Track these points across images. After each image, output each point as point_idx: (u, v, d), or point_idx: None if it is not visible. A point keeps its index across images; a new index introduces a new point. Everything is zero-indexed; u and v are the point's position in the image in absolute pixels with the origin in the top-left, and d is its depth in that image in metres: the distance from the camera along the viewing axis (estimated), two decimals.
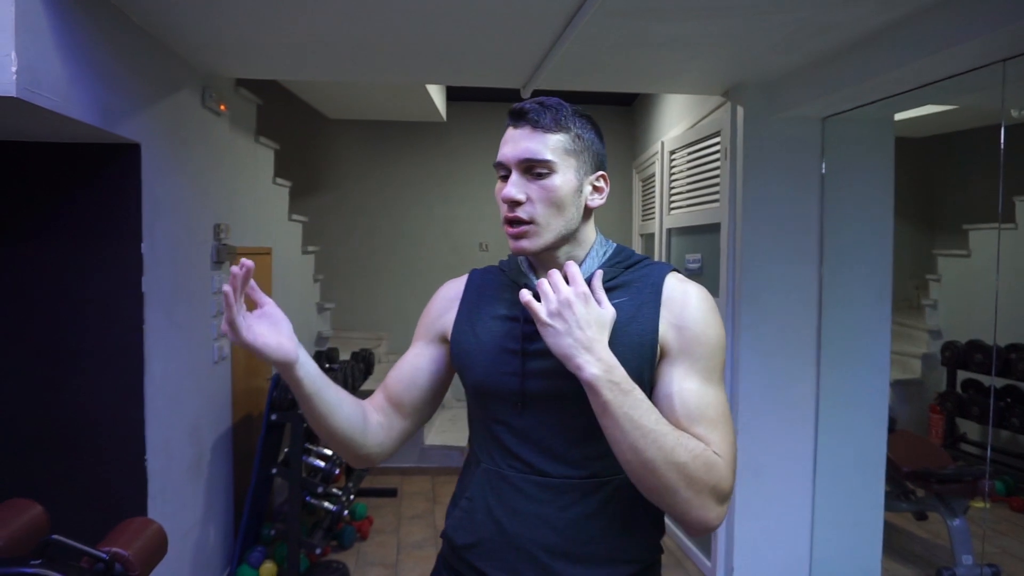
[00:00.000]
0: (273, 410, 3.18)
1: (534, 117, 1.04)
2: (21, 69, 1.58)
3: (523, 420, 1.06)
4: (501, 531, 1.07)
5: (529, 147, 1.04)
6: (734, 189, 2.92)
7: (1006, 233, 4.14)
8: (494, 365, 1.08)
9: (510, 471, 1.07)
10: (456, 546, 1.12)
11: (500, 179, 1.08)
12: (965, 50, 1.89)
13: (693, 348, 1.03)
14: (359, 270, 5.86)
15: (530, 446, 1.06)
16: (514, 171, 1.05)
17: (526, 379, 1.06)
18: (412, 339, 1.21)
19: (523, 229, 1.05)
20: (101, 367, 2.29)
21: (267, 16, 2.17)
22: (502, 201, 1.06)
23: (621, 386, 0.94)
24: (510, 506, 1.06)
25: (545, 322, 0.97)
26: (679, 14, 2.08)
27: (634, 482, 0.97)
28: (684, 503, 0.94)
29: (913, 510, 3.44)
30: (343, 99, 4.69)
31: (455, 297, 1.18)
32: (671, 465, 0.93)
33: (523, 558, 1.05)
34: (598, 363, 0.94)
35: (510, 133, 1.07)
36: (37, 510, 1.68)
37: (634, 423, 0.93)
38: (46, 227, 2.27)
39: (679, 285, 1.07)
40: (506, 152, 1.06)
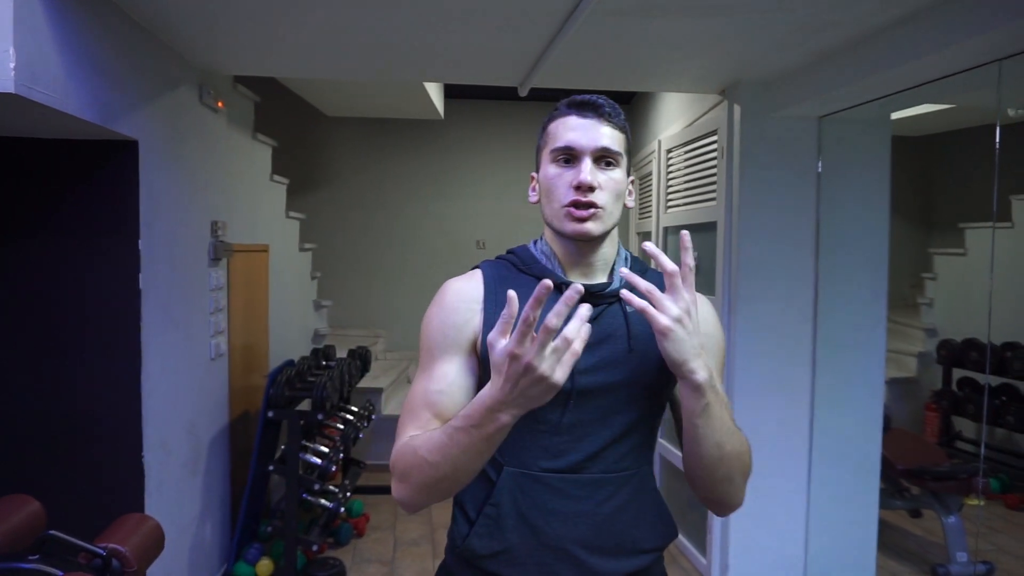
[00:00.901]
0: (270, 407, 3.18)
1: (607, 111, 1.08)
2: (19, 65, 1.58)
3: (567, 418, 1.05)
4: (535, 534, 1.05)
5: (604, 138, 1.06)
6: (731, 188, 2.93)
7: (1001, 232, 4.16)
8: None
9: (544, 472, 1.06)
10: (478, 556, 1.08)
11: (558, 163, 1.08)
12: (961, 49, 1.90)
13: (712, 350, 1.09)
14: (356, 267, 5.86)
15: (571, 444, 1.06)
16: (587, 158, 1.06)
17: (577, 377, 1.04)
18: (433, 351, 1.08)
19: (592, 212, 1.05)
20: (98, 363, 2.29)
21: (265, 13, 2.17)
22: (574, 186, 1.05)
23: (717, 388, 0.99)
24: (546, 507, 1.05)
25: (669, 327, 0.94)
26: (676, 13, 2.09)
27: (698, 476, 1.03)
28: (736, 489, 1.04)
29: (908, 507, 3.45)
30: (341, 96, 4.69)
31: (475, 299, 1.10)
32: (738, 456, 1.01)
33: (560, 558, 1.05)
34: (706, 368, 0.97)
35: (575, 121, 1.07)
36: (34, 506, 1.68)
37: (722, 421, 0.99)
38: (43, 223, 2.27)
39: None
40: (578, 139, 1.06)
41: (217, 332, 3.00)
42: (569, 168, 1.07)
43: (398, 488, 1.01)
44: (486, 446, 0.93)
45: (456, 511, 1.13)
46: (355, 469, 4.05)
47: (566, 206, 1.06)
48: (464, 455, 0.93)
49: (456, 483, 0.97)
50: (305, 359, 3.72)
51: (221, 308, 3.05)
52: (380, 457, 4.82)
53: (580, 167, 1.05)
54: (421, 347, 1.10)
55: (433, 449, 0.95)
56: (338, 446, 3.50)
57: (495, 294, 1.09)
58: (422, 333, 1.10)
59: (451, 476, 0.96)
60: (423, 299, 1.22)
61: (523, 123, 5.92)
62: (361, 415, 3.94)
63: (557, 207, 1.07)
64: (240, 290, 3.30)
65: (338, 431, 3.66)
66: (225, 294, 3.10)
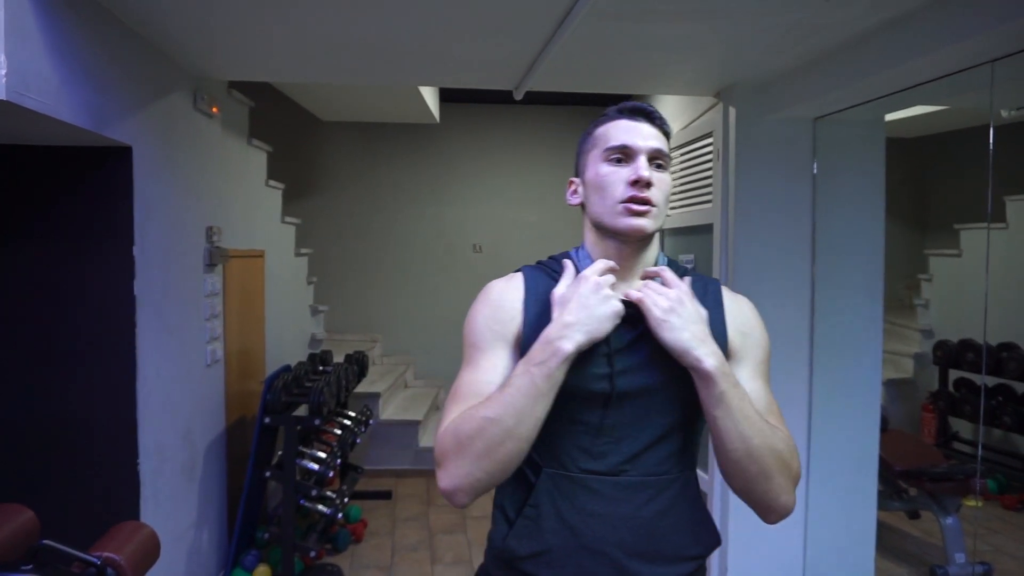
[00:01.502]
0: (267, 413, 3.17)
1: (657, 117, 1.14)
2: (10, 72, 1.58)
3: (607, 419, 1.06)
4: (575, 536, 1.05)
5: (657, 140, 1.11)
6: (726, 190, 2.93)
7: (996, 232, 4.16)
8: (580, 366, 1.04)
9: (584, 474, 1.06)
10: (517, 557, 1.08)
11: (612, 162, 1.11)
12: (955, 51, 1.91)
13: (755, 352, 1.13)
14: (352, 272, 5.85)
15: (611, 445, 1.06)
16: (643, 157, 1.09)
17: (616, 377, 1.06)
18: (479, 345, 1.10)
19: (648, 208, 1.08)
20: (93, 370, 2.28)
21: (259, 18, 2.17)
22: (631, 182, 1.08)
23: (731, 378, 1.01)
24: (585, 509, 1.05)
25: (661, 318, 1.02)
26: (670, 16, 2.09)
27: (731, 473, 1.03)
28: (777, 488, 1.02)
29: (906, 509, 3.45)
30: (336, 101, 4.69)
31: (517, 299, 1.13)
32: (772, 452, 1.01)
33: (599, 561, 1.05)
34: (714, 355, 1.00)
35: (627, 124, 1.12)
36: (28, 515, 1.67)
37: (743, 413, 1.00)
38: (37, 230, 2.27)
39: (733, 296, 1.19)
40: (634, 139, 1.10)
41: (213, 338, 2.99)
42: (623, 166, 1.10)
43: (450, 471, 0.99)
44: (547, 385, 0.98)
45: (496, 512, 1.14)
46: (353, 474, 4.03)
47: (623, 202, 1.08)
48: (526, 400, 0.97)
49: (520, 440, 0.97)
50: (302, 364, 3.71)
51: (217, 314, 3.04)
52: (378, 462, 4.81)
53: (636, 164, 1.09)
54: (465, 343, 1.12)
55: (492, 404, 0.99)
56: (335, 451, 3.49)
57: (535, 295, 1.13)
58: (467, 330, 1.13)
59: (513, 430, 0.97)
60: (420, 303, 1.23)
61: (519, 127, 5.93)
62: (358, 420, 3.93)
63: (612, 203, 1.09)
64: (236, 296, 3.29)
65: (335, 436, 3.65)
66: (221, 300, 3.09)
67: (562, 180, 6.86)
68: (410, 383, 5.86)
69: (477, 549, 3.65)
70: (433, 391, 5.67)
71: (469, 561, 3.52)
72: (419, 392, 5.66)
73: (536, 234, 5.85)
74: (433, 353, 5.86)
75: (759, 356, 1.13)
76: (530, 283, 1.15)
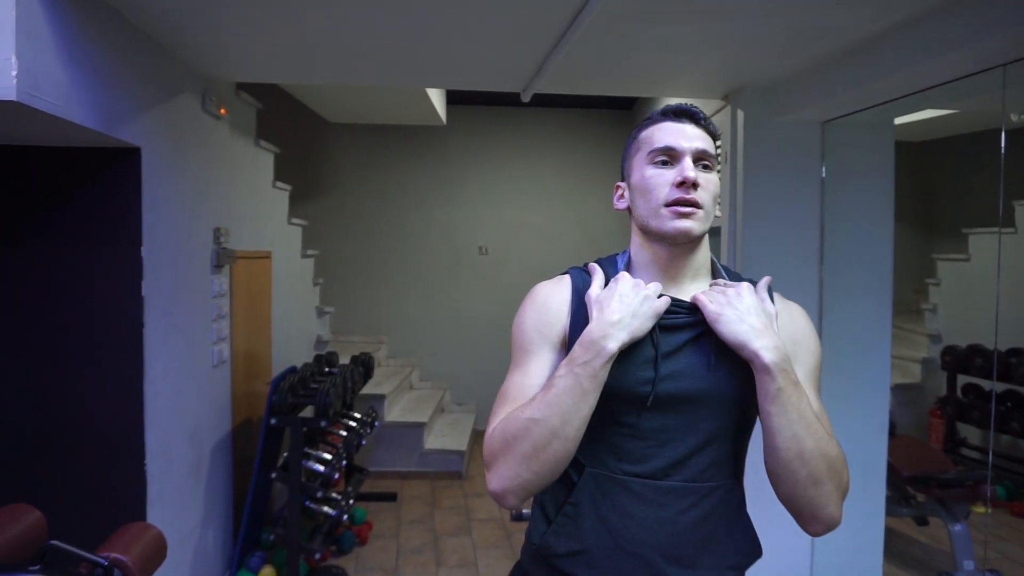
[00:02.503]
0: (273, 414, 3.17)
1: (702, 118, 1.13)
2: (21, 73, 1.58)
3: (650, 422, 1.05)
4: (614, 537, 1.04)
5: (702, 141, 1.10)
6: (734, 193, 2.92)
7: (1005, 237, 4.14)
8: (624, 367, 1.04)
9: (626, 476, 1.05)
10: (555, 555, 1.07)
11: (657, 164, 1.10)
12: (965, 54, 1.89)
13: (806, 360, 1.10)
14: (358, 274, 5.86)
15: (654, 449, 1.05)
16: (688, 158, 1.08)
17: (659, 381, 1.04)
18: (527, 347, 1.11)
19: (694, 211, 1.06)
20: (101, 371, 2.29)
21: (267, 20, 2.17)
22: (678, 184, 1.06)
23: (791, 375, 0.99)
24: (626, 511, 1.04)
25: (716, 312, 1.02)
26: (679, 18, 2.08)
27: (779, 476, 1.00)
28: (825, 496, 1.00)
29: (914, 515, 3.42)
30: (343, 103, 4.69)
31: (564, 301, 1.13)
32: (824, 457, 0.99)
33: (637, 564, 1.04)
34: (775, 349, 0.99)
35: (672, 126, 1.11)
36: (36, 515, 1.67)
37: (800, 412, 0.98)
38: (46, 231, 2.27)
39: (785, 303, 1.17)
40: (679, 141, 1.09)
41: (219, 339, 3.00)
42: (668, 168, 1.09)
43: (498, 473, 1.00)
44: (592, 384, 0.98)
45: (536, 509, 1.14)
46: (358, 476, 4.03)
47: (668, 204, 1.07)
48: (570, 399, 0.97)
49: (566, 440, 0.98)
50: (308, 366, 3.71)
51: (223, 315, 3.05)
52: (383, 464, 4.81)
53: (681, 165, 1.07)
54: (514, 345, 1.13)
55: (537, 406, 0.99)
56: (341, 453, 3.48)
57: (580, 297, 1.12)
58: (515, 332, 1.13)
59: (559, 430, 0.97)
60: (426, 305, 1.23)
61: (526, 129, 5.93)
62: (364, 422, 3.93)
63: (656, 205, 1.08)
64: (242, 297, 3.29)
65: (341, 438, 3.64)
66: (228, 301, 3.10)
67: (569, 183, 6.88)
68: (416, 385, 5.86)
69: (482, 552, 3.64)
70: (439, 393, 5.67)
71: (474, 564, 3.51)
72: (425, 394, 5.66)
73: (543, 236, 5.84)
74: (439, 355, 5.85)
75: (810, 364, 1.11)
76: (577, 285, 1.14)
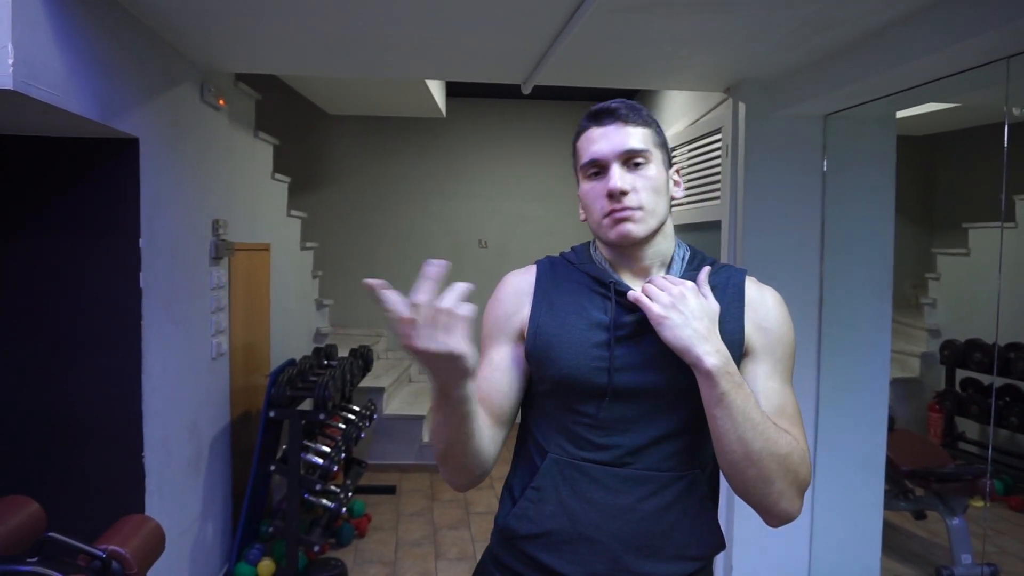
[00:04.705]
0: (272, 407, 3.17)
1: (623, 112, 1.09)
2: (18, 62, 1.57)
3: (608, 413, 1.06)
4: (574, 522, 1.05)
5: (626, 140, 1.07)
6: (735, 186, 2.91)
7: (1007, 232, 4.13)
8: (580, 359, 1.05)
9: (586, 462, 1.06)
10: (518, 536, 1.09)
11: (590, 177, 1.10)
12: (968, 47, 1.88)
13: (775, 349, 1.09)
14: (358, 266, 5.85)
15: (614, 437, 1.06)
16: (614, 164, 1.07)
17: (615, 372, 1.05)
18: (485, 340, 1.15)
19: (629, 214, 1.06)
20: (99, 363, 2.28)
21: (266, 10, 2.15)
22: (607, 195, 1.07)
23: (735, 378, 0.98)
24: (586, 497, 1.05)
25: (661, 315, 1.00)
26: (681, 10, 2.07)
27: (728, 474, 1.01)
28: (777, 494, 0.99)
29: (912, 509, 3.43)
30: (343, 94, 4.67)
31: (526, 291, 1.14)
32: (773, 456, 0.97)
33: (595, 550, 1.04)
34: (717, 354, 0.98)
35: (596, 132, 1.09)
36: (34, 507, 1.67)
37: (745, 415, 0.97)
38: (43, 222, 2.26)
39: (759, 288, 1.14)
40: (602, 148, 1.08)
41: (218, 331, 2.99)
42: (600, 179, 1.09)
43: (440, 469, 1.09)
44: (456, 420, 0.97)
45: (504, 491, 1.16)
46: (357, 469, 4.03)
47: (605, 216, 1.08)
48: (445, 429, 0.99)
49: (459, 456, 1.02)
50: (307, 358, 3.70)
51: (222, 307, 3.04)
52: (382, 457, 4.81)
53: (608, 175, 1.07)
54: (482, 334, 1.15)
55: (431, 430, 1.04)
56: (340, 446, 3.48)
57: (546, 287, 1.14)
58: (482, 322, 1.15)
59: (448, 451, 1.02)
60: None
61: (526, 121, 5.91)
62: (363, 415, 3.93)
63: (598, 219, 1.09)
64: (241, 289, 3.28)
65: (340, 431, 3.64)
66: (226, 293, 3.09)
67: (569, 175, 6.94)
68: (414, 378, 5.86)
69: (481, 544, 3.65)
70: None
71: (473, 556, 3.51)
72: (423, 387, 5.66)
73: (542, 229, 5.83)
74: None
75: (779, 353, 1.08)
76: (542, 274, 1.16)
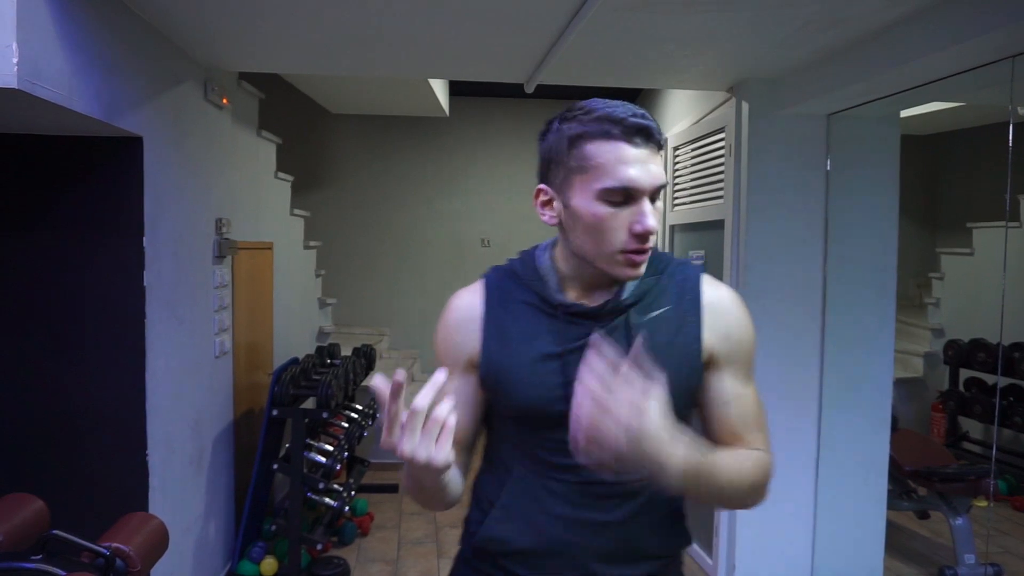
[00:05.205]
0: (275, 406, 3.17)
1: (656, 137, 0.95)
2: (22, 60, 1.57)
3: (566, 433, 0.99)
4: (543, 538, 1.04)
5: (659, 172, 0.95)
6: (738, 186, 2.91)
7: (1011, 232, 4.12)
8: (535, 390, 1.01)
9: (553, 480, 1.04)
10: (488, 551, 1.08)
11: (610, 203, 0.94)
12: (973, 46, 1.88)
13: (739, 354, 1.05)
14: (361, 265, 5.85)
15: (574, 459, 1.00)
16: (646, 200, 0.94)
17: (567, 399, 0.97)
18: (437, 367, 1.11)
19: (646, 256, 0.97)
20: (102, 361, 2.28)
21: (270, 10, 2.16)
22: (633, 233, 0.94)
23: (701, 468, 0.89)
24: (553, 513, 1.03)
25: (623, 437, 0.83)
26: (684, 8, 2.07)
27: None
28: (747, 503, 1.03)
29: (915, 509, 3.43)
30: (346, 93, 4.67)
31: (474, 317, 1.06)
32: (741, 494, 1.01)
33: (567, 564, 1.04)
34: (678, 464, 0.86)
35: (630, 152, 0.93)
36: (38, 505, 1.67)
37: (711, 490, 0.95)
38: (47, 220, 2.26)
39: (716, 291, 1.07)
40: (640, 178, 0.93)
41: (221, 330, 2.99)
42: (623, 208, 0.94)
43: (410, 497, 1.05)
44: (434, 492, 0.96)
45: (472, 499, 1.14)
46: (359, 468, 4.03)
47: (625, 252, 0.96)
48: (423, 495, 0.98)
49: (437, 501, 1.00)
50: (310, 357, 3.71)
51: (225, 306, 3.04)
52: (384, 456, 4.81)
53: (640, 209, 0.94)
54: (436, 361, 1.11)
55: (407, 483, 0.99)
56: (342, 444, 3.49)
57: (494, 311, 1.06)
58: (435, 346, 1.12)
59: (428, 502, 1.01)
60: (428, 297, 1.22)
61: (529, 121, 5.90)
62: (366, 413, 3.93)
63: (610, 251, 0.96)
64: (244, 288, 3.29)
65: (342, 429, 3.65)
66: (229, 292, 3.09)
67: None
68: (417, 377, 5.85)
69: None
70: None
71: None
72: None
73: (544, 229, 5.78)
74: None
75: (743, 357, 1.05)
76: (491, 294, 1.07)
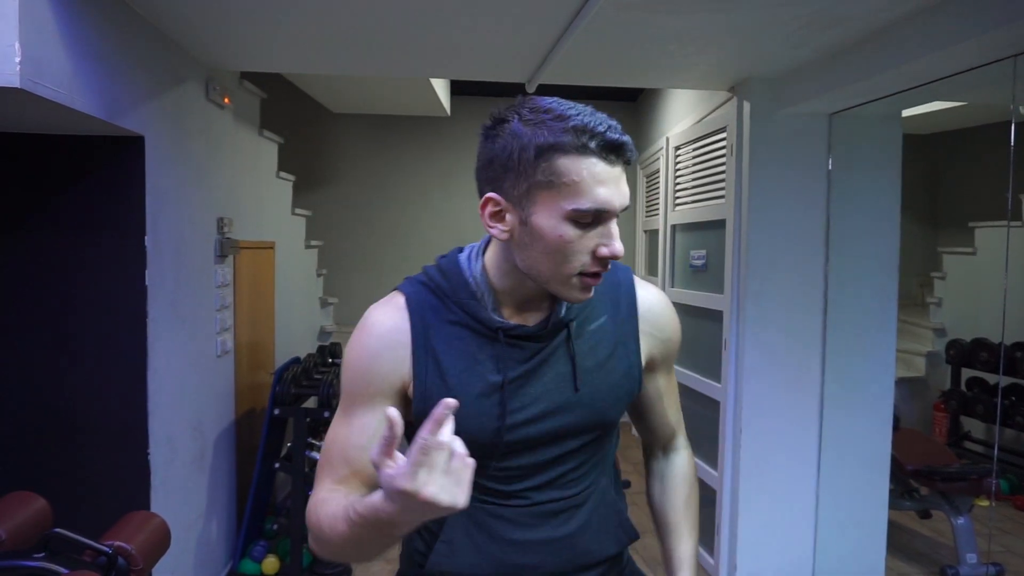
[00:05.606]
0: (276, 405, 3.17)
1: (629, 155, 0.89)
2: (25, 60, 1.57)
3: (515, 461, 1.00)
4: (494, 563, 1.01)
5: (627, 192, 0.90)
6: (740, 185, 2.91)
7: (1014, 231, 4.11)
8: (480, 419, 0.96)
9: (495, 506, 1.01)
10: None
11: (577, 224, 0.88)
12: (976, 45, 1.88)
13: (671, 353, 1.13)
14: (362, 265, 5.85)
15: (522, 484, 1.01)
16: (614, 222, 0.90)
17: (514, 429, 0.97)
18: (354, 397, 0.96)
19: (600, 280, 0.93)
20: (104, 360, 2.29)
21: (272, 9, 2.16)
22: (601, 256, 0.89)
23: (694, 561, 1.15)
24: (503, 537, 1.01)
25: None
26: (687, 7, 2.06)
27: None
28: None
29: (917, 508, 3.43)
30: (347, 93, 4.68)
31: (402, 342, 0.97)
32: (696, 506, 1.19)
33: None
34: None
35: (604, 171, 0.87)
36: (40, 503, 1.68)
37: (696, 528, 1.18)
38: (49, 219, 2.27)
39: (646, 291, 1.09)
40: (612, 199, 0.87)
41: (223, 329, 3.00)
42: (588, 230, 0.89)
43: (313, 543, 0.92)
44: (388, 540, 0.82)
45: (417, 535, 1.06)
46: None
47: (584, 275, 0.91)
48: (366, 544, 0.84)
49: (370, 555, 0.87)
50: (311, 356, 3.71)
51: (227, 305, 3.04)
52: None
53: (608, 231, 0.89)
54: (343, 385, 0.98)
55: (336, 532, 0.85)
56: None
57: (423, 336, 0.97)
58: (343, 370, 0.98)
59: (358, 556, 0.90)
60: None
61: None
62: None
63: (568, 273, 0.90)
64: (246, 287, 3.29)
65: None
66: (231, 291, 3.09)
67: None
68: None
69: None
70: None
71: None
72: None
73: None
74: None
75: (674, 354, 1.13)
76: (415, 313, 0.98)
